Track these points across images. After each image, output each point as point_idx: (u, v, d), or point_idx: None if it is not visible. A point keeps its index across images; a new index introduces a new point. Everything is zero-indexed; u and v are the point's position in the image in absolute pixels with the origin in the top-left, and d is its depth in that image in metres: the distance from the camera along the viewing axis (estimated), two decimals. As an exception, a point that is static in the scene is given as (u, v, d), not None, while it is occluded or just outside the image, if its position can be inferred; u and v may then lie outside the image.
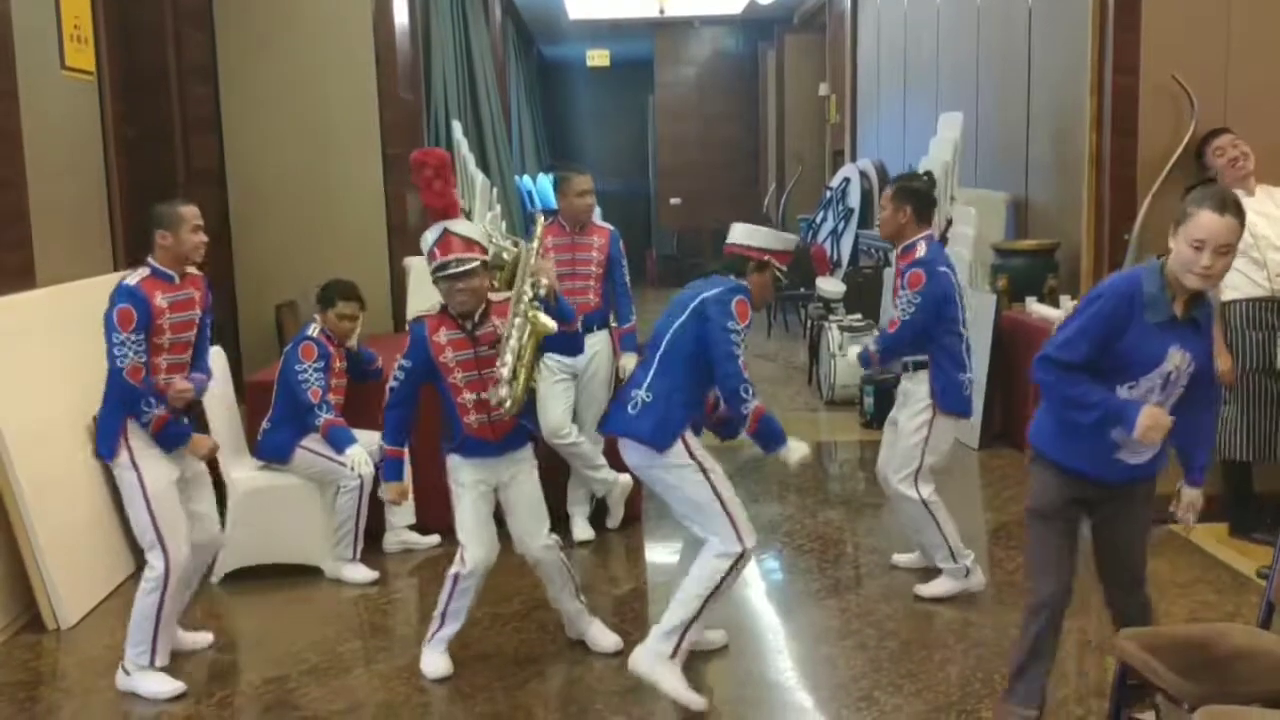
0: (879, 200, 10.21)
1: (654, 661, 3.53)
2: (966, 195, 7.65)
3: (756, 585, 4.62)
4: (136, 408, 3.67)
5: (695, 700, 3.52)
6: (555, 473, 5.05)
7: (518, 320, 3.62)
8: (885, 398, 7.15)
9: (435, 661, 3.85)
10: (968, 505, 5.52)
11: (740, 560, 3.56)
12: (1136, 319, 2.90)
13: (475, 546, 3.76)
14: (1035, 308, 6.46)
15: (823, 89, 13.68)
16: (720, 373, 3.54)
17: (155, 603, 3.71)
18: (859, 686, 3.69)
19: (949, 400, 4.26)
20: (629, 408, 3.61)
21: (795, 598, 4.49)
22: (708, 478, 3.58)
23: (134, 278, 3.73)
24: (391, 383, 3.75)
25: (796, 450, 3.63)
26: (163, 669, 3.78)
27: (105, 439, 3.74)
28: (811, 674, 3.86)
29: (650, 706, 3.62)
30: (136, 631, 3.74)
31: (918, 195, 4.32)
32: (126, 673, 3.78)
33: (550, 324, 3.58)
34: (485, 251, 3.70)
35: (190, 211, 3.78)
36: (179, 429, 3.78)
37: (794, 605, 4.42)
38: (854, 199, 10.75)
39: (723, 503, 3.57)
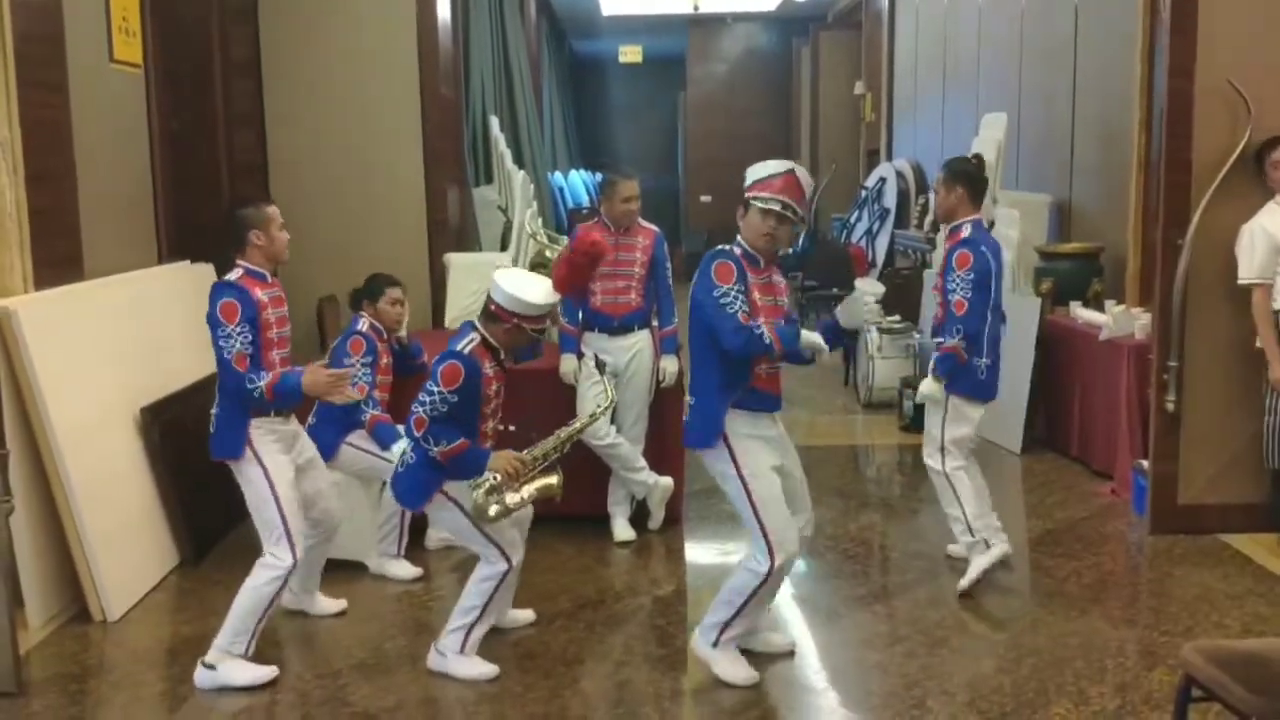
0: (916, 198, 10.18)
1: (701, 648, 3.77)
2: (1009, 197, 7.58)
3: (801, 588, 4.59)
4: (247, 392, 3.65)
5: (744, 676, 3.70)
6: (595, 473, 5.05)
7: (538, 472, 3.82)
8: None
9: (476, 665, 3.84)
10: (1010, 511, 5.46)
11: (769, 577, 3.60)
12: None
13: (512, 539, 3.85)
14: (1079, 312, 6.40)
15: (858, 87, 13.61)
16: (726, 343, 3.48)
17: (272, 594, 3.74)
18: (911, 695, 3.65)
19: (959, 384, 4.43)
20: (685, 419, 3.70)
21: (842, 603, 4.45)
22: (744, 483, 3.59)
23: (231, 276, 3.78)
24: (435, 411, 3.58)
25: (809, 338, 3.64)
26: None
27: (229, 439, 3.76)
28: (862, 680, 3.82)
29: (701, 710, 3.61)
30: (244, 619, 3.73)
31: (969, 176, 4.52)
32: (210, 668, 3.74)
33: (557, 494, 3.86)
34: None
35: (274, 210, 3.87)
36: (296, 377, 3.71)
37: (841, 610, 4.38)
38: (890, 199, 10.69)
39: (757, 512, 3.58)
